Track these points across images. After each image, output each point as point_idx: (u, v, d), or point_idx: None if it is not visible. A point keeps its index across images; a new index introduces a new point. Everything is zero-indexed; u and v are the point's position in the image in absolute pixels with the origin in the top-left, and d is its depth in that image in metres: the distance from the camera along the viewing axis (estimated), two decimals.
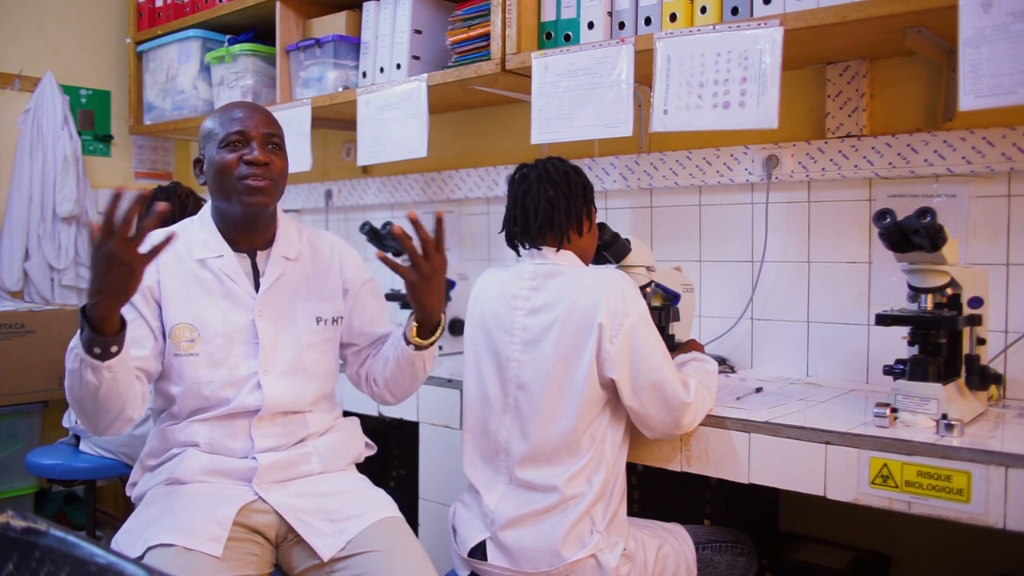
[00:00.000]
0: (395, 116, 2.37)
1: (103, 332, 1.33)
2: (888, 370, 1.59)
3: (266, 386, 1.59)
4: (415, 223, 1.46)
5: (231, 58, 2.94)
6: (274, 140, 1.63)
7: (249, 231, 1.65)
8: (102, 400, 1.41)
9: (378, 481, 1.75)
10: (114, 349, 1.36)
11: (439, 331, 1.63)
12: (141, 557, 1.42)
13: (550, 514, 1.57)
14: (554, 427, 1.58)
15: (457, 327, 2.56)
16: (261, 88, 2.92)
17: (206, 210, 1.69)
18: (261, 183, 1.58)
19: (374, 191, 3.11)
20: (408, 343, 1.63)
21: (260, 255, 1.67)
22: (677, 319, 1.95)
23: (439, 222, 1.49)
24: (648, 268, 1.92)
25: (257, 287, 1.64)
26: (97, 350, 1.34)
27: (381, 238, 2.52)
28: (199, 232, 1.66)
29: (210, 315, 1.59)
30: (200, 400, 1.58)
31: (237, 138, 1.59)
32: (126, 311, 1.42)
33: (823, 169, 2.05)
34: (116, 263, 1.26)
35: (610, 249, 1.87)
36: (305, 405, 1.66)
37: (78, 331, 1.36)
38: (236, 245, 1.65)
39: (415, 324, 1.62)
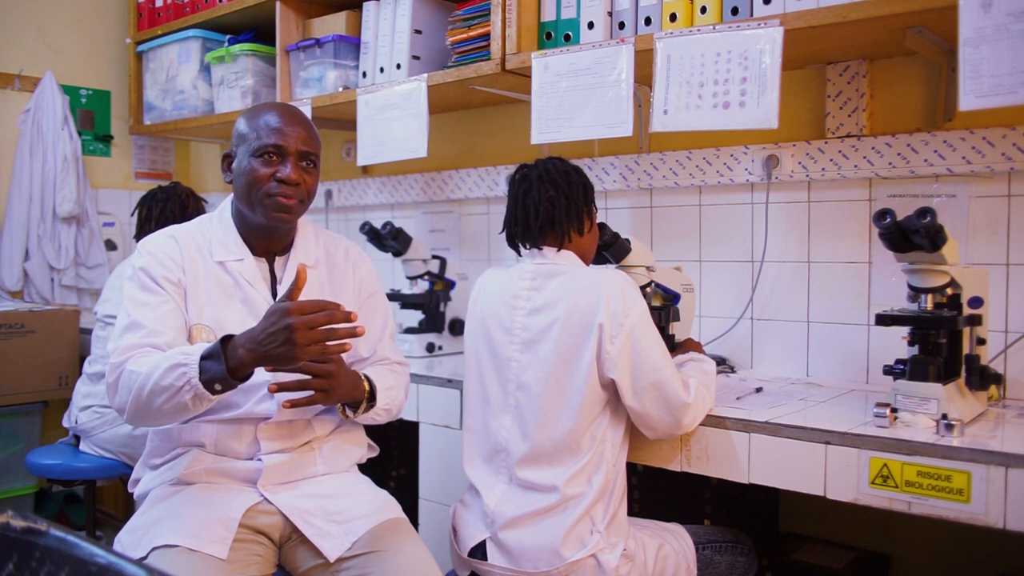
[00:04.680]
0: (395, 116, 2.37)
1: (235, 378, 1.38)
2: (888, 370, 1.59)
3: (279, 396, 1.59)
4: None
5: (231, 58, 2.94)
6: (310, 158, 1.61)
7: (269, 237, 1.65)
8: (178, 415, 1.44)
9: (378, 481, 1.75)
10: (227, 390, 1.40)
11: (363, 406, 1.63)
12: (145, 557, 1.42)
13: (550, 514, 1.57)
14: (554, 427, 1.58)
15: (457, 327, 2.57)
16: (261, 88, 2.92)
17: (226, 210, 1.68)
18: (289, 202, 1.57)
19: (374, 191, 3.11)
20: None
21: (278, 260, 1.67)
22: (677, 319, 1.95)
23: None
24: (648, 268, 1.92)
25: (274, 293, 1.64)
26: (218, 387, 1.38)
27: (381, 238, 2.52)
28: (218, 233, 1.65)
29: (227, 319, 1.57)
30: None
31: (273, 151, 1.56)
32: (166, 301, 1.54)
33: (823, 169, 2.05)
34: (290, 343, 1.32)
35: (610, 249, 1.87)
36: (312, 414, 1.66)
37: (195, 354, 1.38)
38: (255, 249, 1.65)
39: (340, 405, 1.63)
